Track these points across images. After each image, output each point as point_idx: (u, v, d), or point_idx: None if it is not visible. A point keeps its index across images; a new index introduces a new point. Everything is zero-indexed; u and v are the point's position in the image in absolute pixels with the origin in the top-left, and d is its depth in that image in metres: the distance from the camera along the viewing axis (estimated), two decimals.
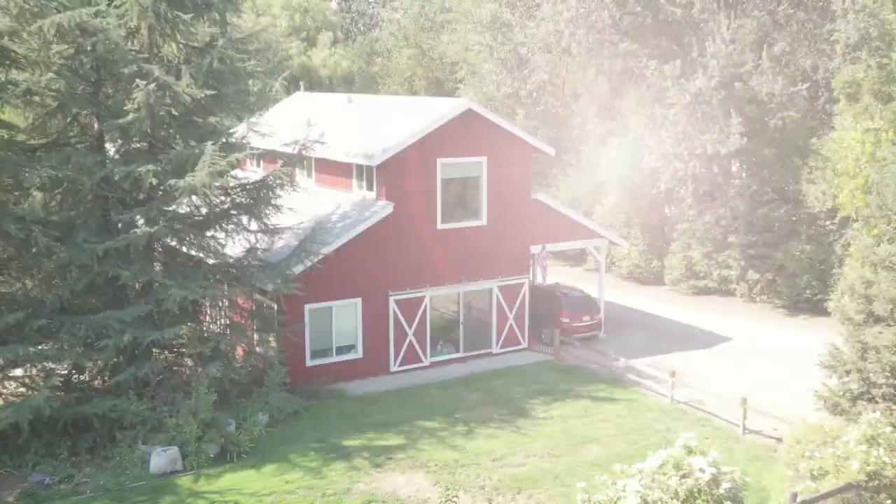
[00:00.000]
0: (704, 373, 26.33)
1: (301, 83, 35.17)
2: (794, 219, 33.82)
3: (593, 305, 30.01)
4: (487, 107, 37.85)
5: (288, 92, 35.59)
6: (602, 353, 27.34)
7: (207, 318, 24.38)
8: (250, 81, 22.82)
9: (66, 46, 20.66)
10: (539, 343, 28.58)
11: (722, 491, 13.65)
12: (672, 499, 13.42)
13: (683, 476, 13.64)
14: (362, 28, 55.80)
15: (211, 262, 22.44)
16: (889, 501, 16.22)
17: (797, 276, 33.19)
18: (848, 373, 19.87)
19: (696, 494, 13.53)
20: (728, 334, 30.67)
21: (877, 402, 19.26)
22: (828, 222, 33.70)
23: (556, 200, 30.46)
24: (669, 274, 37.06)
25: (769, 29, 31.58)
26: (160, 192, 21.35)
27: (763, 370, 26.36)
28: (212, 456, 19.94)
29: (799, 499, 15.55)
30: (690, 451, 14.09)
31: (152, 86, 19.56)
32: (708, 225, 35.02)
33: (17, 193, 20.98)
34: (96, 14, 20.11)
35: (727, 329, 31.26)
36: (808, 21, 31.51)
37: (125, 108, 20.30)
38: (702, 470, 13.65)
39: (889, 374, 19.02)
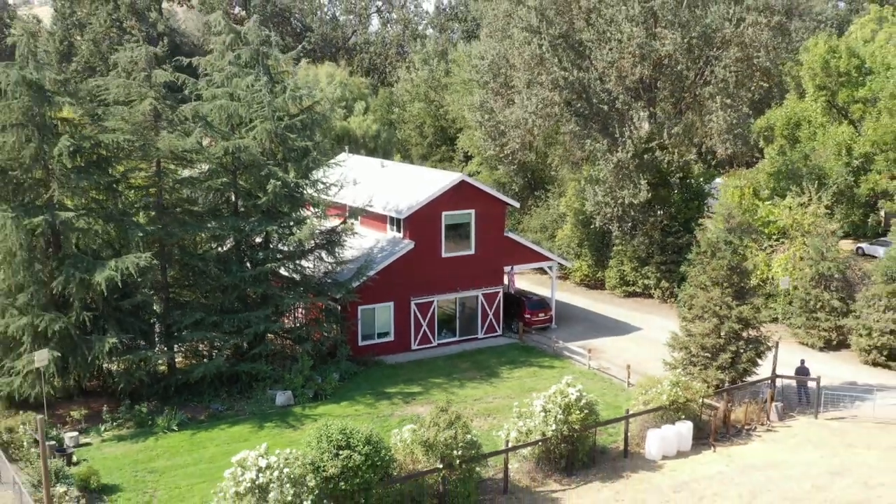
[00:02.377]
0: (615, 350, 39.87)
1: (346, 147, 48.41)
2: (692, 245, 47.18)
3: (547, 305, 43.54)
4: (479, 156, 51.32)
5: (333, 148, 48.96)
6: (550, 338, 40.87)
7: (301, 315, 37.89)
8: (325, 170, 36.21)
9: (222, 153, 33.93)
10: (509, 331, 42.05)
11: (582, 404, 27.11)
12: (557, 407, 26.87)
13: (564, 396, 27.11)
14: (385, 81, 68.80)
15: (300, 279, 35.96)
16: (683, 415, 29.75)
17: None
18: (681, 349, 33.40)
19: (570, 405, 26.98)
20: (640, 325, 44.09)
21: (695, 366, 32.74)
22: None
23: (520, 236, 44.02)
24: (608, 282, 50.46)
25: (670, 115, 44.94)
26: (275, 238, 34.92)
27: (653, 349, 39.56)
28: (309, 396, 33.40)
29: (630, 412, 29.15)
30: (568, 385, 27.54)
31: (278, 182, 33.00)
32: (635, 247, 48.36)
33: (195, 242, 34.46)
34: (237, 137, 33.56)
35: (641, 322, 44.67)
36: (696, 113, 44.75)
37: (258, 193, 33.78)
38: (572, 393, 27.10)
39: (701, 350, 32.49)
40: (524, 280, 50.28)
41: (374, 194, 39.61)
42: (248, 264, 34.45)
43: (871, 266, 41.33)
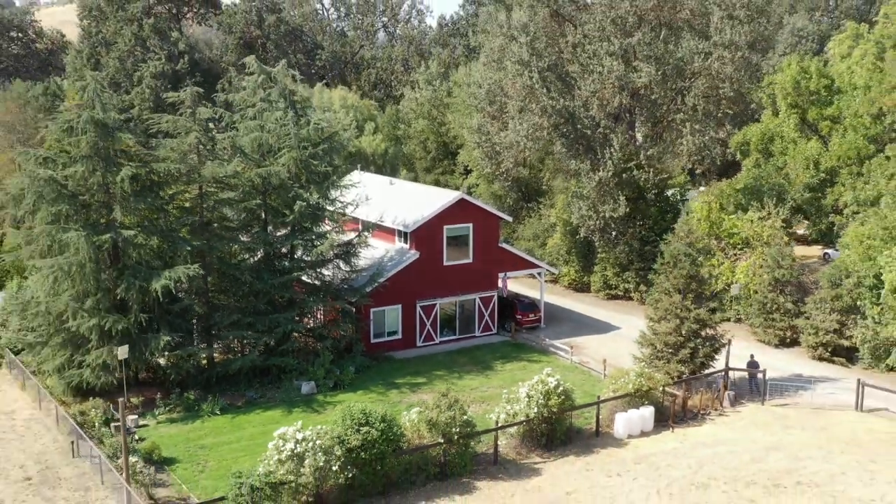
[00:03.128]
0: (595, 347, 45.17)
1: (359, 165, 53.68)
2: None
3: (537, 307, 48.85)
4: (477, 171, 56.64)
5: (346, 165, 54.21)
6: (539, 336, 46.18)
7: (321, 316, 43.23)
8: (342, 189, 41.53)
9: (255, 178, 39.17)
10: (503, 330, 47.34)
11: (559, 391, 32.43)
12: (539, 393, 32.19)
13: (544, 385, 32.43)
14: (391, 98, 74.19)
15: (320, 285, 41.29)
16: (646, 401, 35.05)
17: None
18: (648, 345, 38.70)
19: (549, 392, 32.30)
20: (619, 325, 49.33)
21: (660, 360, 38.02)
22: None
23: (512, 247, 49.32)
24: (593, 285, 55.69)
25: (646, 138, 50.22)
26: (300, 250, 40.28)
27: (628, 345, 44.54)
28: (330, 386, 38.71)
29: (603, 399, 34.50)
30: (548, 375, 32.87)
31: (304, 203, 38.35)
32: (616, 255, 53.60)
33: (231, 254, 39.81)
34: (269, 164, 38.90)
35: (620, 322, 49.91)
36: (669, 136, 50.06)
37: (285, 211, 39.11)
38: (551, 382, 32.41)
39: (665, 346, 37.77)
40: (518, 284, 55.53)
41: (384, 210, 44.96)
42: (277, 273, 39.77)
43: (819, 273, 46.56)
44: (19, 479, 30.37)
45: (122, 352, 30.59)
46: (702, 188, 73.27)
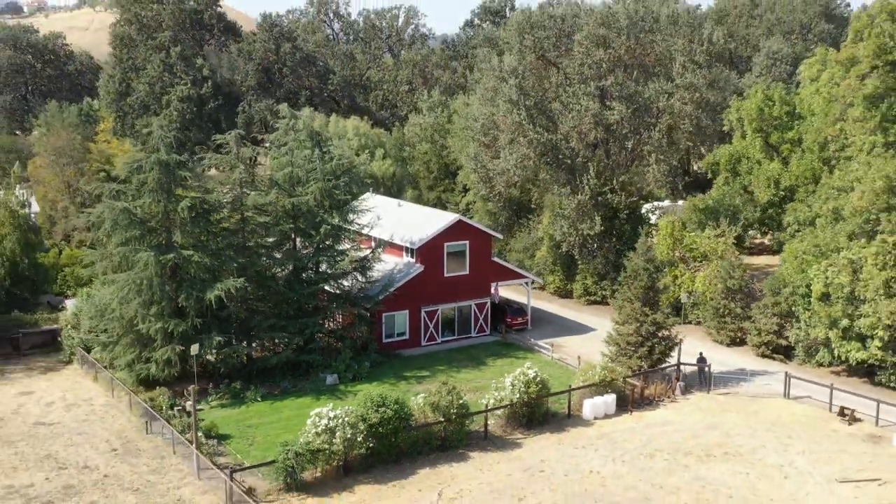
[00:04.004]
0: (574, 346, 52.58)
1: (370, 187, 61.10)
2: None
3: (525, 312, 56.31)
4: (474, 190, 64.22)
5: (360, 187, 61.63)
6: (526, 337, 53.64)
7: (340, 320, 50.67)
8: (358, 213, 49.02)
9: (287, 205, 46.60)
10: (495, 331, 54.76)
11: (537, 381, 39.91)
12: (523, 381, 39.66)
13: (525, 376, 39.89)
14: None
15: (340, 294, 48.74)
16: (610, 390, 42.50)
17: None
18: (614, 344, 46.08)
19: (529, 381, 39.77)
20: (596, 327, 56.63)
21: (623, 356, 45.43)
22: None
23: (503, 260, 56.82)
24: (575, 292, 63.06)
25: (618, 166, 57.74)
26: (323, 265, 47.79)
27: (601, 344, 51.91)
28: (350, 378, 46.12)
29: (574, 387, 41.98)
30: (528, 368, 40.35)
31: (328, 226, 45.86)
32: (595, 266, 61.01)
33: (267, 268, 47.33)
34: (299, 194, 46.39)
35: (597, 324, 57.19)
36: (638, 165, 57.60)
37: (312, 232, 46.58)
38: (530, 373, 39.88)
39: (627, 345, 45.20)
40: (511, 291, 62.88)
41: (393, 230, 52.45)
42: (304, 284, 47.25)
43: (764, 282, 53.96)
44: (107, 450, 37.92)
45: (194, 349, 38.10)
46: (679, 202, 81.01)
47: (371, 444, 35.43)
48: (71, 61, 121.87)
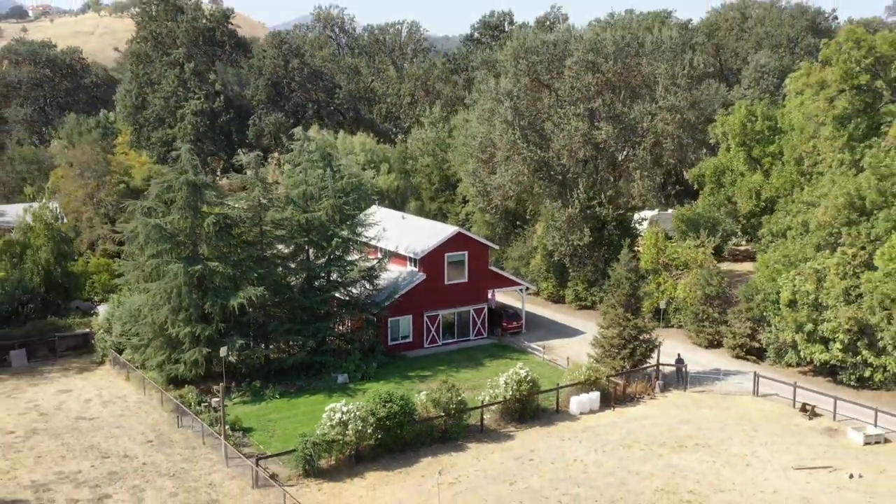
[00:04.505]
0: (564, 348, 56.82)
1: (376, 201, 65.42)
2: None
3: (519, 316, 60.59)
4: (473, 203, 68.59)
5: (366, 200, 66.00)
6: (520, 340, 57.90)
7: (349, 324, 54.97)
8: (366, 227, 53.33)
9: (301, 220, 50.88)
10: (492, 335, 59.03)
11: (528, 379, 44.19)
12: (515, 380, 43.93)
13: (517, 375, 44.17)
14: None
15: (349, 300, 53.04)
16: (594, 388, 46.77)
17: None
18: (599, 346, 50.34)
19: (521, 380, 44.04)
20: (585, 330, 60.79)
21: (608, 357, 49.68)
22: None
23: (499, 269, 61.12)
24: (567, 298, 67.33)
25: (606, 182, 62.05)
26: (334, 274, 52.10)
27: (589, 346, 56.43)
28: (359, 378, 50.37)
29: (561, 385, 46.26)
30: (521, 368, 44.63)
31: (339, 239, 50.15)
32: (585, 273, 65.27)
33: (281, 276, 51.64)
34: (313, 210, 50.70)
35: (586, 328, 61.35)
36: (624, 181, 61.88)
37: (324, 244, 50.88)
38: (522, 373, 44.17)
39: (611, 347, 49.45)
40: (507, 297, 67.20)
41: (398, 241, 56.76)
42: (317, 291, 51.55)
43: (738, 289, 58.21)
44: (143, 441, 42.24)
45: (223, 352, 42.41)
46: (669, 210, 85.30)
47: (379, 436, 39.72)
48: (87, 74, 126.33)
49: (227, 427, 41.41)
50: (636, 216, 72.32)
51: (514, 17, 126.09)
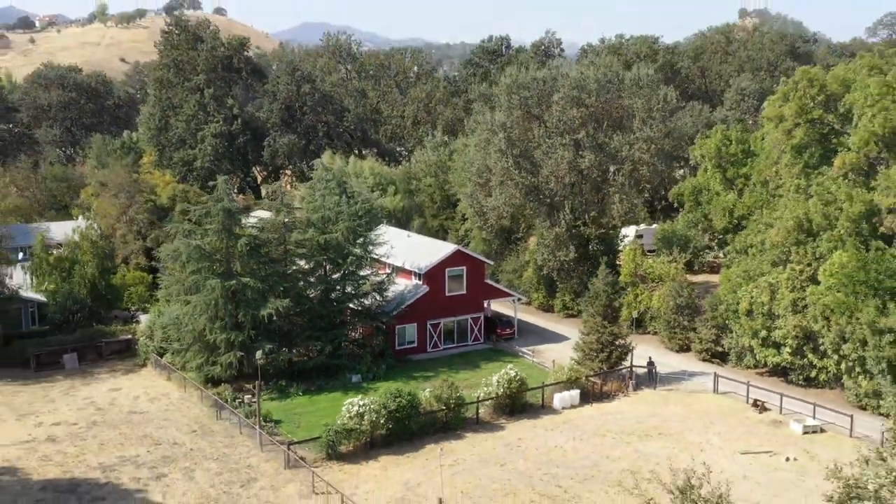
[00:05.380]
0: (551, 352, 63.62)
1: (384, 221, 72.28)
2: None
3: (512, 323, 67.49)
4: (472, 222, 75.64)
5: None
6: (512, 345, 64.77)
7: (362, 331, 61.86)
8: (376, 246, 60.27)
9: (321, 241, 57.79)
10: (488, 340, 65.91)
11: (517, 379, 51.06)
12: (506, 379, 50.77)
13: (507, 375, 51.04)
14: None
15: (361, 310, 59.93)
16: (575, 386, 53.62)
17: None
18: (580, 350, 57.26)
19: (511, 379, 50.90)
20: (570, 336, 67.45)
21: (588, 360, 56.54)
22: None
23: (494, 282, 68.09)
24: (556, 307, 74.20)
25: (589, 204, 69.01)
26: (348, 287, 59.04)
27: (573, 351, 63.24)
28: (371, 378, 57.11)
29: (546, 384, 53.14)
30: (510, 369, 51.50)
31: (353, 257, 57.12)
32: (571, 285, 72.15)
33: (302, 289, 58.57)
34: (330, 232, 57.65)
35: (571, 334, 67.97)
36: (605, 203, 68.77)
37: (339, 261, 57.81)
38: (511, 373, 51.04)
39: (590, 351, 56.31)
40: (501, 306, 74.05)
41: (404, 258, 63.69)
42: (333, 302, 58.45)
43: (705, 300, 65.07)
44: (188, 430, 49.14)
45: (259, 355, 49.33)
46: (654, 224, 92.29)
47: (390, 426, 46.59)
48: (110, 96, 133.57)
49: (260, 419, 48.29)
50: (624, 230, 79.40)
51: (511, 41, 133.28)
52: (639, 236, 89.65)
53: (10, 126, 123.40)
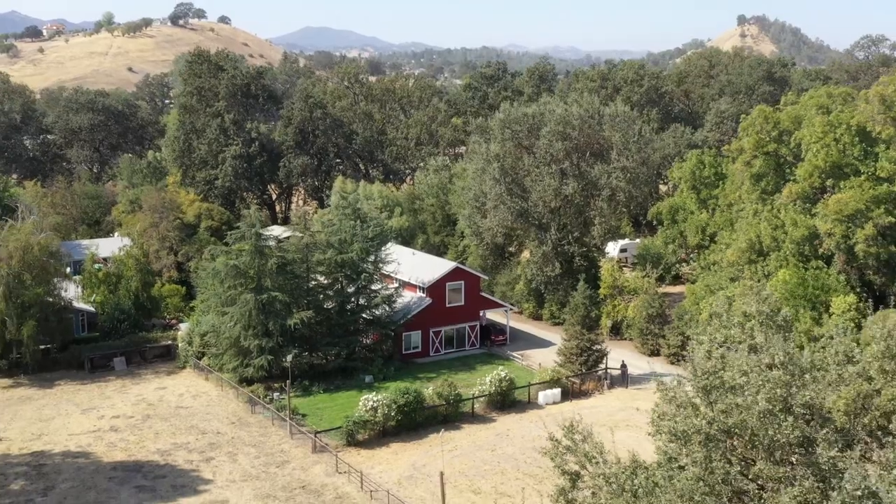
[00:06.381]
0: (539, 356, 71.97)
1: (391, 239, 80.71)
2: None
3: (505, 331, 75.88)
4: (469, 240, 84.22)
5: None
6: (504, 350, 73.16)
7: (372, 338, 70.22)
8: (386, 262, 68.69)
9: (338, 259, 66.17)
10: (483, 346, 74.26)
11: (507, 379, 59.43)
12: (497, 379, 59.11)
13: (498, 375, 59.40)
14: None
15: (373, 319, 68.29)
16: (557, 385, 61.95)
17: None
18: (562, 354, 65.60)
19: (501, 379, 59.25)
20: (556, 342, 75.87)
21: (569, 363, 64.88)
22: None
23: (489, 294, 76.57)
24: (544, 316, 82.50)
25: (572, 226, 77.41)
26: (362, 300, 67.44)
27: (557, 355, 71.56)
28: (381, 378, 65.38)
29: (532, 383, 61.52)
30: (501, 370, 59.86)
31: (366, 273, 65.52)
32: (558, 297, 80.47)
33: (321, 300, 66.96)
34: (347, 252, 66.06)
35: (557, 340, 76.43)
36: (586, 225, 77.23)
37: (354, 276, 66.21)
38: (501, 374, 59.40)
39: (571, 354, 64.62)
40: (496, 315, 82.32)
41: (410, 274, 72.14)
42: (348, 313, 66.85)
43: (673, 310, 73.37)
44: (228, 423, 57.52)
45: (288, 358, 57.64)
46: (637, 239, 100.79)
47: (399, 418, 54.93)
48: (134, 118, 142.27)
49: (290, 412, 56.69)
50: (609, 245, 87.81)
51: (507, 67, 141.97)
52: (623, 250, 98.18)
53: (42, 145, 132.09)
